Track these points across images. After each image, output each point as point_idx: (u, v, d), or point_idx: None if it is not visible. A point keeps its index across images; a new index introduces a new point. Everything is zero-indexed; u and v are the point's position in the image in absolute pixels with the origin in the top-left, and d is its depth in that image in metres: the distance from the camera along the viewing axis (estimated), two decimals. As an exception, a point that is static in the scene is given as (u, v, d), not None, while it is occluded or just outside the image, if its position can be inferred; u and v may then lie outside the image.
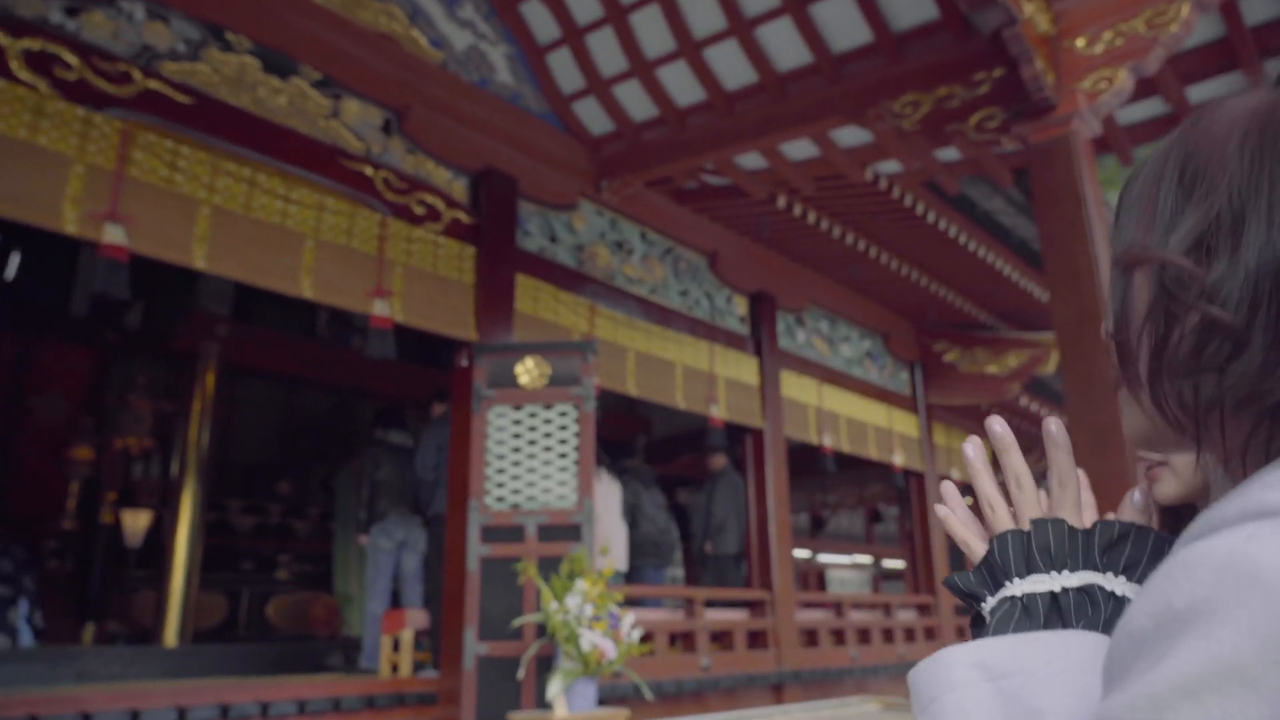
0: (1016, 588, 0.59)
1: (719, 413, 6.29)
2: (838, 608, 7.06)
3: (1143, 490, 0.65)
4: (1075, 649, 0.53)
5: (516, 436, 4.56)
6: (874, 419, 8.11)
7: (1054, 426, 0.63)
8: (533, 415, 4.60)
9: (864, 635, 7.09)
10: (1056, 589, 0.57)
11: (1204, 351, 0.49)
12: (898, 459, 8.24)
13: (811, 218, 6.50)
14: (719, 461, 6.80)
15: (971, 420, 9.98)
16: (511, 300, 5.08)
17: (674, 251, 6.49)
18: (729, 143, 5.41)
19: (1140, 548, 0.59)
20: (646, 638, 4.91)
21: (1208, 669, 0.37)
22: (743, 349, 6.77)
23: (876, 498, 11.58)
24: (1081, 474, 0.66)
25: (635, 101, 5.55)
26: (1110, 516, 0.66)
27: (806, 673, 6.20)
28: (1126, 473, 3.42)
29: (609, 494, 5.79)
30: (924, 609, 8.27)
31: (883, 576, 14.19)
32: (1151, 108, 5.11)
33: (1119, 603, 0.57)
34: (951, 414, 9.54)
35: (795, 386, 7.20)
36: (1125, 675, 0.41)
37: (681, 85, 5.35)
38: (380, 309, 4.39)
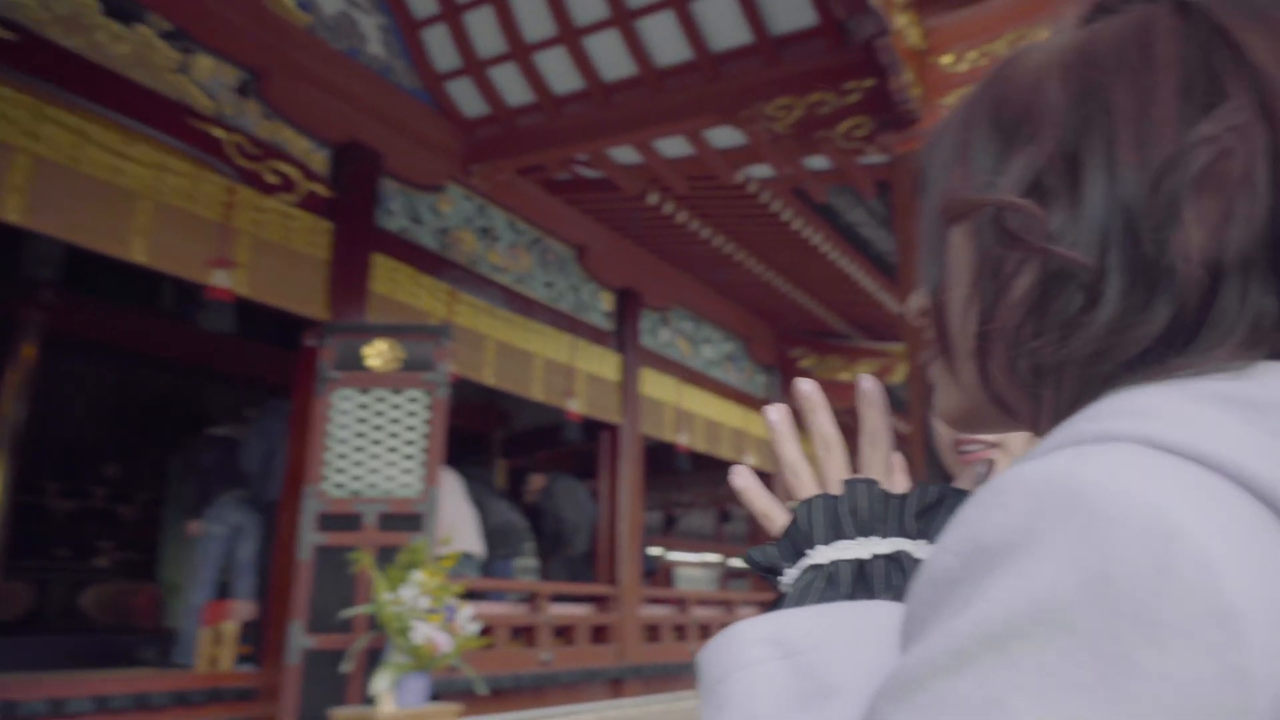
0: (821, 555, 0.53)
1: (577, 407, 6.23)
2: (682, 604, 7.13)
3: (986, 463, 0.61)
4: (878, 621, 0.48)
5: (362, 421, 4.35)
6: (730, 420, 8.25)
7: (867, 383, 0.59)
8: (381, 400, 4.40)
9: (706, 631, 7.19)
10: (865, 556, 0.52)
11: (1051, 304, 0.43)
12: (751, 460, 8.40)
13: (682, 217, 6.53)
14: (538, 482, 6.76)
15: (824, 426, 10.31)
16: (367, 280, 4.86)
17: (542, 242, 6.39)
18: (604, 135, 5.36)
19: (953, 513, 0.54)
20: (486, 631, 4.79)
21: (1020, 612, 0.31)
22: (605, 344, 6.73)
23: (727, 498, 11.81)
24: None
25: (511, 85, 5.41)
26: None
27: (648, 668, 6.23)
28: (961, 480, 3.57)
29: (453, 481, 5.63)
30: (765, 606, 8.47)
31: (729, 575, 14.49)
32: (1003, 136, 5.38)
33: None
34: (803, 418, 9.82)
35: (655, 385, 7.23)
36: (925, 626, 0.35)
37: (559, 72, 5.26)
38: (220, 280, 4.09)
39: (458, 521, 5.28)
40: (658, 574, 11.25)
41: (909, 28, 4.24)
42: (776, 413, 0.61)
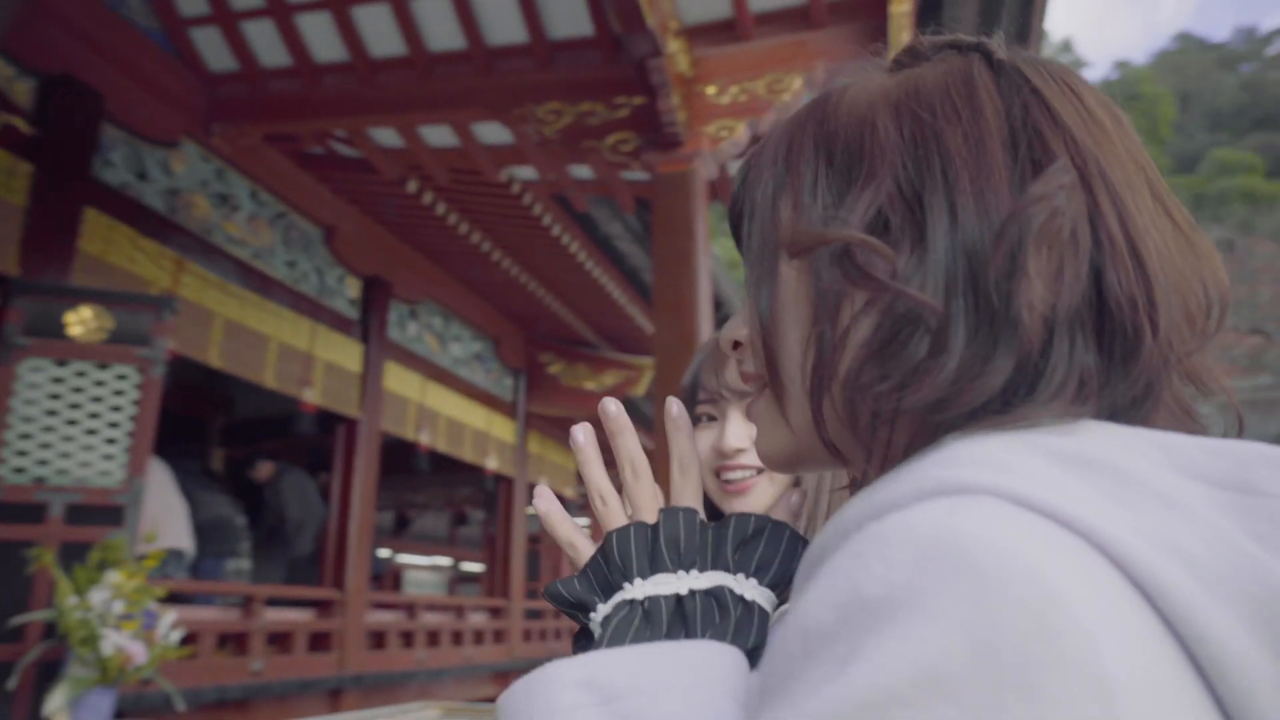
0: (637, 589, 0.50)
1: (313, 397, 5.84)
2: (410, 609, 6.88)
3: (800, 493, 0.58)
4: (701, 662, 0.45)
5: (55, 398, 3.79)
6: (474, 421, 8.11)
7: (675, 407, 0.56)
8: (81, 375, 3.86)
9: (433, 638, 6.99)
10: (683, 591, 0.50)
11: (895, 348, 0.42)
12: (492, 463, 8.31)
13: (441, 209, 6.34)
14: (266, 470, 6.29)
15: (565, 432, 10.41)
16: (75, 237, 4.26)
17: (287, 218, 5.94)
18: (365, 113, 5.08)
19: (774, 546, 0.52)
20: (190, 639, 4.34)
21: (904, 677, 0.29)
22: (349, 333, 6.37)
23: (464, 500, 11.61)
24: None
25: (266, 44, 4.98)
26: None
27: (370, 676, 5.94)
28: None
29: (162, 470, 5.06)
30: (496, 612, 8.40)
31: (459, 579, 14.26)
32: (755, 169, 5.72)
33: (748, 608, 0.50)
34: (548, 424, 9.88)
35: (399, 380, 6.94)
36: (793, 685, 0.33)
37: (322, 39, 4.91)
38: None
39: (165, 515, 4.74)
40: (385, 577, 10.81)
41: (680, 54, 4.40)
42: (583, 434, 0.57)
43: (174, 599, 4.15)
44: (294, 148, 5.73)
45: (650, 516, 0.53)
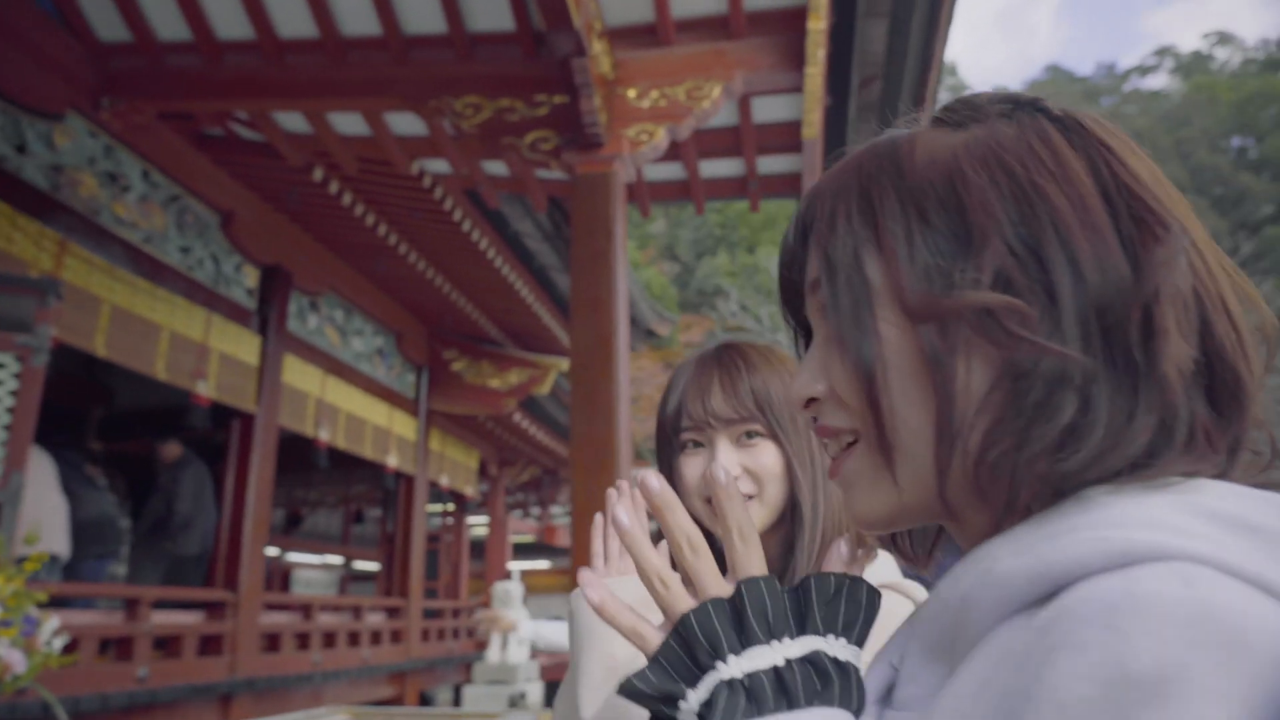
0: (733, 668, 0.47)
1: (207, 390, 5.58)
2: (306, 610, 6.66)
3: (849, 539, 0.57)
4: None
5: (-77, 385, 3.52)
6: (375, 418, 7.91)
7: (722, 474, 0.53)
8: (-46, 361, 3.59)
9: (330, 639, 6.78)
10: (779, 662, 0.47)
11: (1047, 409, 0.42)
12: (392, 460, 8.12)
13: (348, 199, 6.15)
14: (173, 451, 5.98)
15: (466, 430, 10.28)
16: (-56, 211, 3.95)
17: (182, 201, 5.66)
18: (271, 95, 4.88)
19: (856, 602, 0.51)
20: (71, 646, 4.09)
21: None
22: (246, 324, 6.11)
23: (360, 498, 11.31)
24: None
25: (163, 16, 4.72)
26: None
27: (263, 680, 5.71)
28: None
29: (42, 465, 4.74)
30: (394, 612, 8.21)
31: (352, 578, 13.87)
32: (670, 172, 5.77)
33: (843, 670, 0.48)
34: (450, 421, 9.72)
35: (299, 373, 6.71)
36: None
37: (225, 14, 4.69)
38: None
39: (47, 516, 4.44)
40: (272, 577, 10.43)
41: (602, 55, 4.39)
42: (627, 516, 0.54)
43: (52, 602, 3.90)
44: (191, 128, 5.47)
45: (719, 591, 0.51)
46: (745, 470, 1.00)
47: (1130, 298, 0.43)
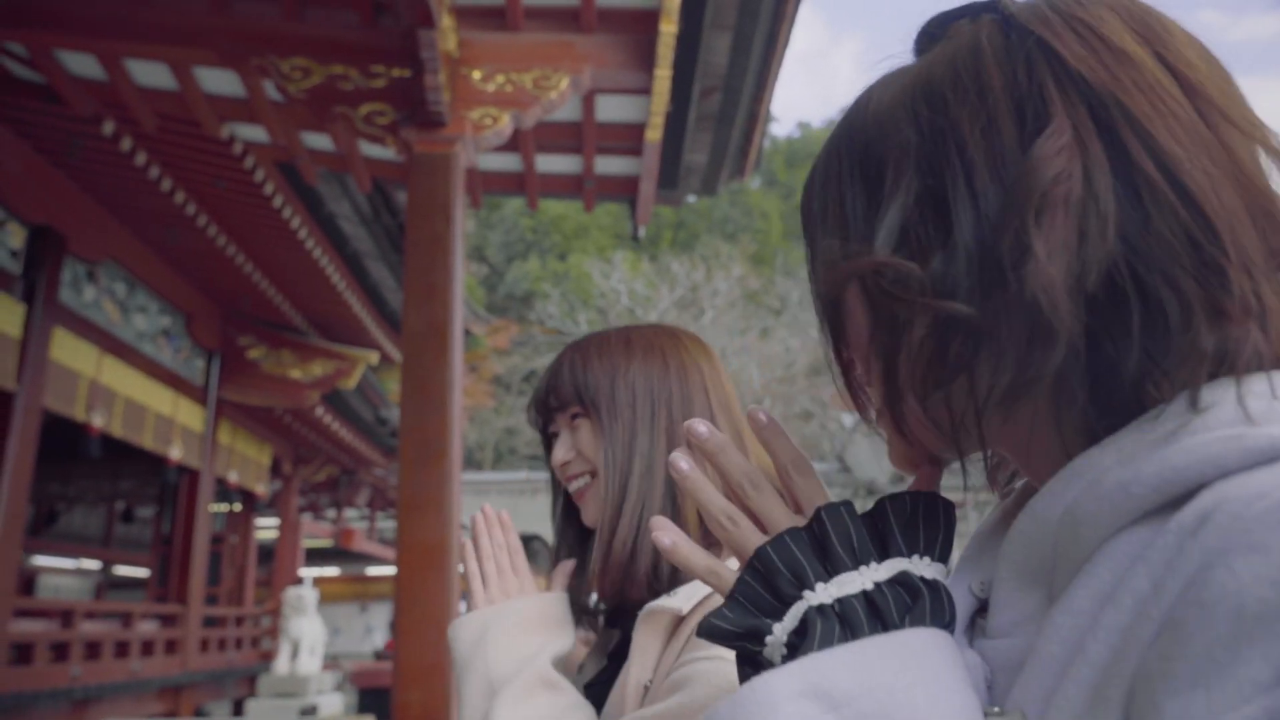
0: (821, 594, 0.46)
1: (-46, 362, 4.83)
2: (65, 616, 5.90)
3: (937, 466, 0.56)
4: (922, 650, 0.42)
5: None
6: (158, 405, 7.17)
7: (763, 415, 0.54)
8: None
9: (93, 650, 6.05)
10: (869, 586, 0.46)
11: (947, 355, 0.44)
12: (175, 452, 7.39)
13: (141, 159, 5.54)
14: None
15: (259, 423, 9.56)
16: None
17: (-68, 141, 4.88)
18: (57, 29, 4.31)
19: (934, 521, 0.49)
20: None
21: None
22: (8, 289, 5.37)
23: (129, 494, 10.25)
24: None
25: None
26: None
27: (10, 696, 4.99)
28: (447, 482, 3.54)
29: None
30: (170, 620, 7.46)
31: (110, 584, 12.53)
32: (505, 163, 5.62)
33: (933, 588, 0.46)
34: (241, 413, 9.00)
35: (69, 350, 5.96)
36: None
37: (6, -70, 4.10)
38: None
39: None
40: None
41: (449, 32, 4.20)
42: (685, 461, 0.53)
43: None
44: (-50, 57, 4.74)
45: (787, 524, 0.50)
46: (579, 452, 1.04)
47: (1001, 224, 0.42)
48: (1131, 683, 0.35)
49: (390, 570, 15.61)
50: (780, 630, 0.46)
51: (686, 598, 0.89)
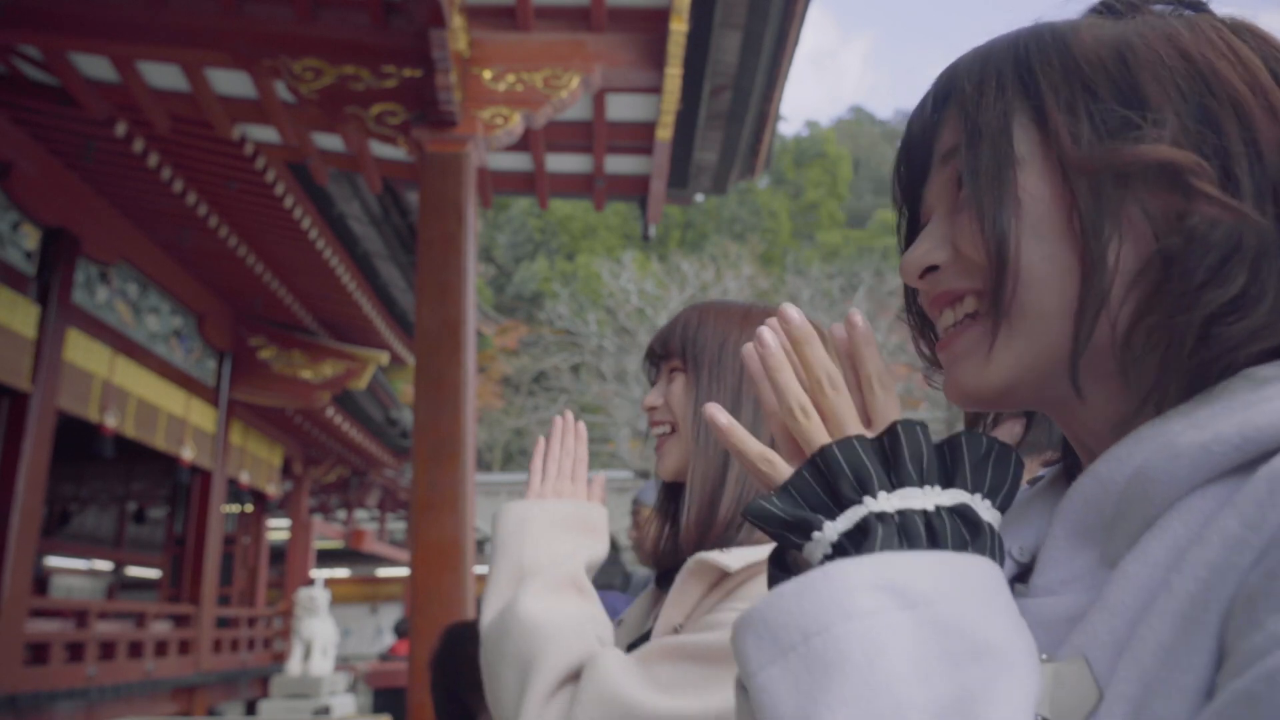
0: (884, 503, 0.45)
1: (-30, 363, 4.86)
2: (80, 616, 5.93)
3: (1022, 423, 0.56)
4: (989, 575, 0.43)
5: None
6: (170, 406, 7.20)
7: (858, 318, 0.52)
8: None
9: (108, 650, 6.08)
10: (930, 507, 0.45)
11: (1219, 276, 0.43)
12: (188, 453, 7.42)
13: (154, 161, 5.56)
14: None
15: (271, 423, 9.59)
16: None
17: (-53, 143, 4.91)
18: (72, 33, 4.33)
19: (1004, 469, 0.49)
20: None
21: None
22: (23, 290, 5.39)
23: (142, 495, 10.29)
24: None
25: (-60, -73, 4.08)
26: None
27: (26, 696, 5.01)
28: (461, 481, 3.54)
29: None
30: (183, 620, 7.49)
31: (123, 585, 12.59)
32: (515, 162, 5.63)
33: (992, 532, 0.46)
34: (253, 414, 9.03)
35: (83, 351, 5.99)
36: None
37: (20, -66, 4.12)
38: None
39: None
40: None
41: (460, 31, 4.21)
42: (771, 336, 0.52)
43: None
44: (-35, 61, 4.77)
45: (855, 429, 0.49)
46: (666, 402, 1.07)
47: None
48: (1229, 605, 0.36)
49: (401, 572, 15.62)
50: (830, 529, 0.46)
51: (739, 557, 0.90)
